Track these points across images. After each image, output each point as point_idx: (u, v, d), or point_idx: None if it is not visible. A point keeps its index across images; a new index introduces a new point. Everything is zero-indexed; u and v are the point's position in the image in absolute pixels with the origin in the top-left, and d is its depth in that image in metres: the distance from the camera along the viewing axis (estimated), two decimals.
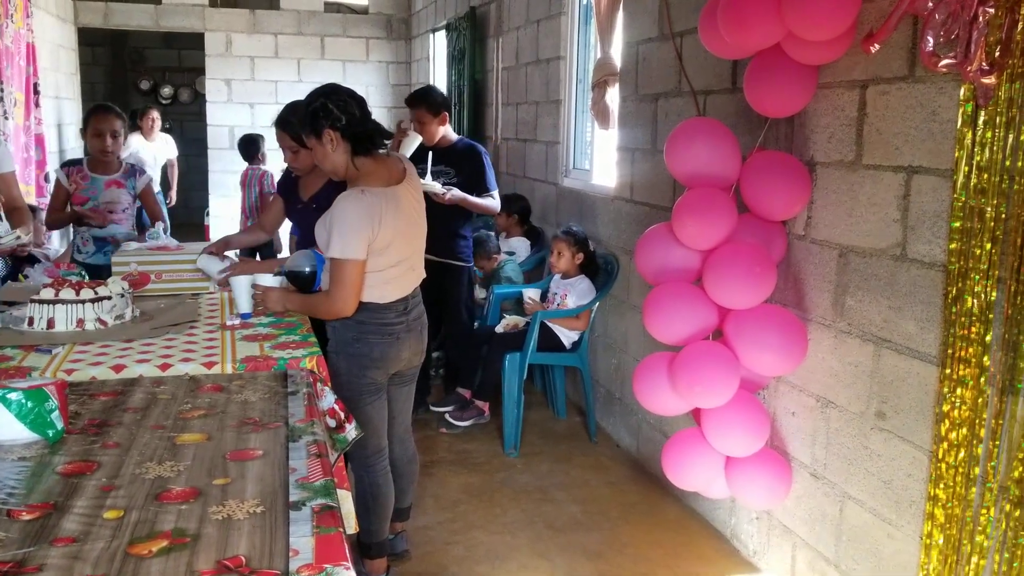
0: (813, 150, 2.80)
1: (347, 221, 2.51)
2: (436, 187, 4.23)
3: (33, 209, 5.71)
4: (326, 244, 2.56)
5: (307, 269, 3.50)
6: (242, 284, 3.04)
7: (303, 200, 3.32)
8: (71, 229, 4.57)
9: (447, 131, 4.54)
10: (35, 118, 6.80)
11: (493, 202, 4.55)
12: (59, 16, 8.25)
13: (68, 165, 4.40)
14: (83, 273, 3.52)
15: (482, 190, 4.45)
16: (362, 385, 2.73)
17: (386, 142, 2.72)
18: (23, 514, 1.49)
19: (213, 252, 3.39)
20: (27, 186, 6.65)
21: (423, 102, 4.44)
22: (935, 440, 2.27)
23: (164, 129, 8.55)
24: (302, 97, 2.70)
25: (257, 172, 7.07)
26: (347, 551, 1.40)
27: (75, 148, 8.20)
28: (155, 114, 8.04)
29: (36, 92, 6.81)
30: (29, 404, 1.80)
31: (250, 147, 7.17)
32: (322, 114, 2.57)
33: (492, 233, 5.38)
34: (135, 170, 4.43)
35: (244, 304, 3.05)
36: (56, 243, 6.43)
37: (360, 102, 2.63)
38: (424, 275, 2.88)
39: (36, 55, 6.83)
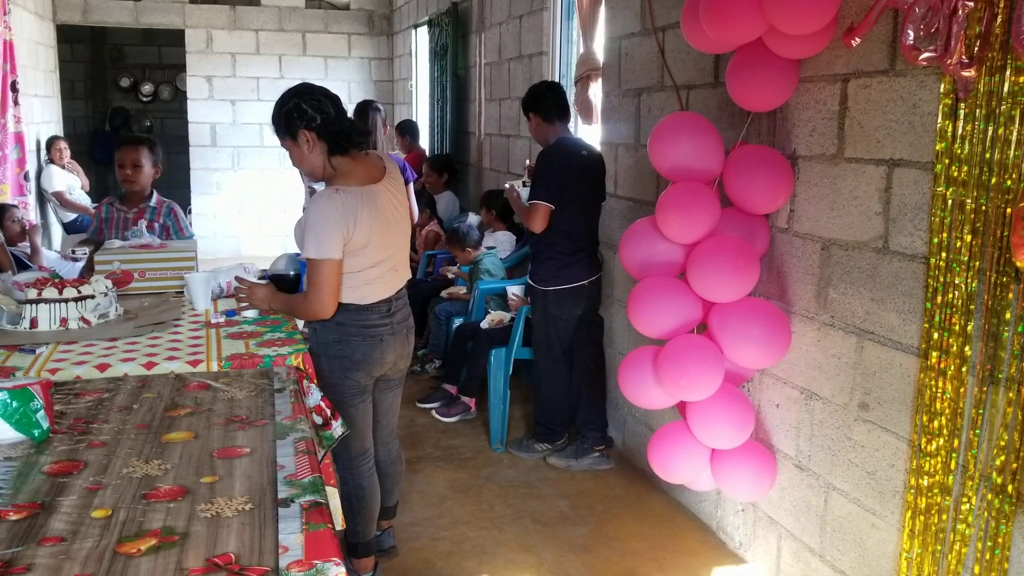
0: (795, 143, 2.82)
1: (321, 221, 2.47)
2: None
3: (4, 207, 5.64)
4: (301, 244, 2.54)
5: (291, 273, 3.48)
6: (198, 281, 3.02)
7: None
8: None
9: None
10: (13, 116, 6.73)
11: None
12: (37, 13, 8.16)
13: None
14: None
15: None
16: (345, 387, 2.70)
17: (363, 139, 2.65)
18: (10, 514, 1.48)
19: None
20: (3, 184, 6.59)
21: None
22: (917, 430, 2.29)
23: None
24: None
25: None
26: (337, 547, 1.40)
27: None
28: (63, 144, 7.96)
29: (15, 90, 6.74)
30: (14, 404, 1.79)
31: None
32: (296, 115, 2.53)
33: (473, 225, 5.39)
34: None
35: (201, 302, 3.03)
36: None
37: (334, 100, 2.58)
38: (409, 275, 2.86)
39: (14, 53, 6.76)
